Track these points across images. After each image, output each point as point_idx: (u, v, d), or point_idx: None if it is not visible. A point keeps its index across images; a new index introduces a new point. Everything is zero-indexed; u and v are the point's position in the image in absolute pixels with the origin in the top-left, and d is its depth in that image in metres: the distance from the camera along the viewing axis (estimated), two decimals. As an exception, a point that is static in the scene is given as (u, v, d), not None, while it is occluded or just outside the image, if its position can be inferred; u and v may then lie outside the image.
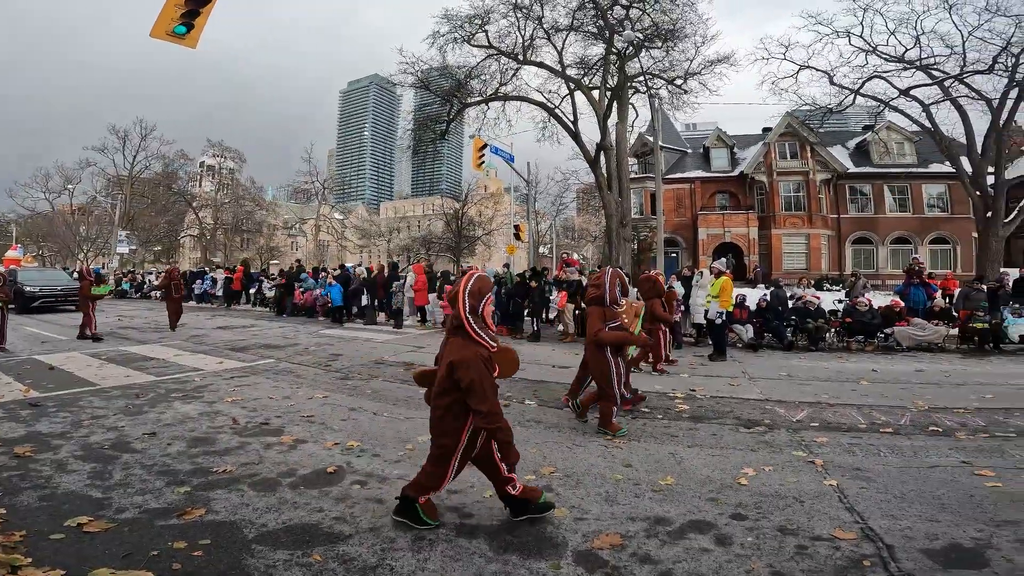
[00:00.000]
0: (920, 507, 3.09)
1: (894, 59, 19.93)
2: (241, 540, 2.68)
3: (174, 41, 7.24)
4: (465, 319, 2.77)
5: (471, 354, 2.70)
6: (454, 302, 2.84)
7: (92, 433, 4.43)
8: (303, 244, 61.69)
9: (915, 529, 2.81)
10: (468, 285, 2.85)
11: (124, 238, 34.71)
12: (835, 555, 2.56)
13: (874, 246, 30.34)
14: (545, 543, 2.70)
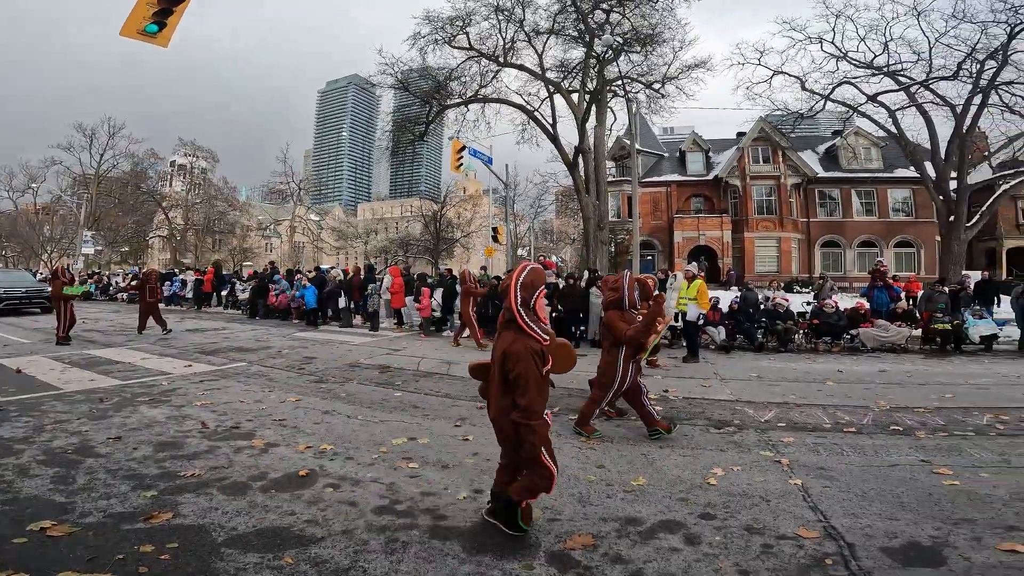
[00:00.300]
0: (880, 506, 3.17)
1: (863, 65, 20.50)
2: (210, 543, 2.65)
3: (145, 40, 7.07)
4: (516, 312, 2.70)
5: (522, 347, 2.65)
6: (505, 294, 2.78)
7: (55, 438, 4.31)
8: (278, 245, 60.67)
9: (875, 528, 2.88)
10: (520, 277, 2.77)
11: (89, 238, 33.70)
12: (799, 554, 2.62)
13: (842, 249, 31.20)
14: (518, 544, 2.71)
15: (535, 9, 21.01)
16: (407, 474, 3.65)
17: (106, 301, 24.32)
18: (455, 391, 6.47)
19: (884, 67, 20.14)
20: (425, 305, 12.58)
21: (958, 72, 19.10)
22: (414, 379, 7.22)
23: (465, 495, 3.32)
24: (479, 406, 5.67)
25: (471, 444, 4.35)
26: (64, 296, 10.08)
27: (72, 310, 10.27)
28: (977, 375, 7.83)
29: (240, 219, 54.68)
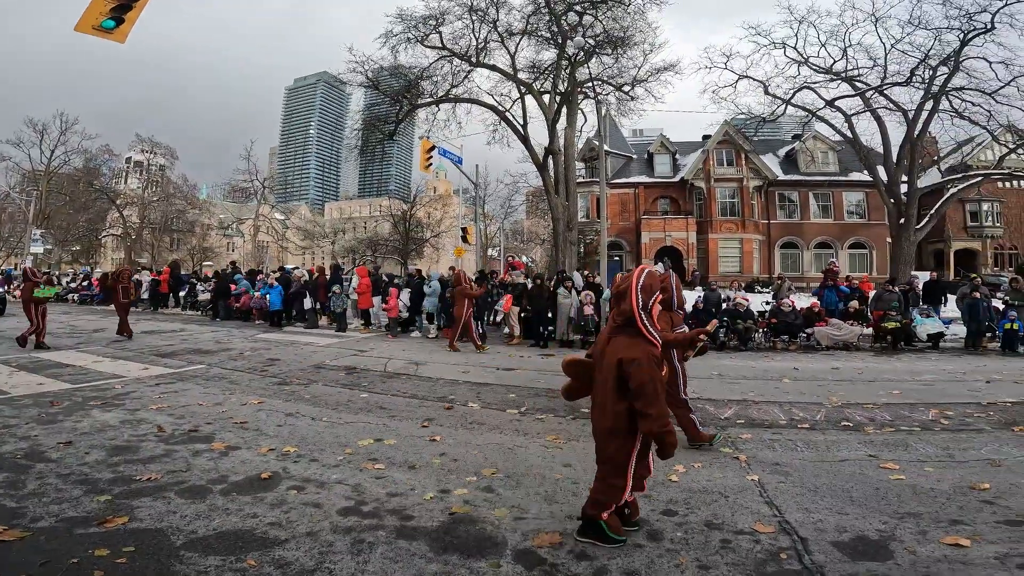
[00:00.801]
0: (831, 500, 3.27)
1: (823, 71, 21.24)
2: (168, 547, 2.59)
3: (101, 36, 6.81)
4: (638, 315, 2.62)
5: (643, 353, 2.57)
6: (622, 297, 2.69)
7: (3, 443, 4.13)
8: (240, 245, 59.02)
9: (826, 522, 2.96)
10: (640, 280, 2.69)
11: (39, 237, 32.17)
12: (755, 548, 2.68)
13: (800, 250, 32.30)
14: (485, 542, 2.73)
15: (509, 10, 21.06)
16: (373, 475, 3.62)
17: (55, 302, 23.17)
18: (422, 392, 6.45)
19: (842, 73, 20.91)
20: (392, 305, 12.46)
21: (911, 78, 19.97)
22: (381, 380, 7.15)
23: (432, 495, 3.31)
24: (446, 407, 5.67)
25: (438, 444, 4.35)
26: (35, 299, 9.48)
27: (44, 313, 9.64)
28: (923, 372, 8.21)
29: (200, 218, 53.03)
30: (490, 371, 8.01)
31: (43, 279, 10.01)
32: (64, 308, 20.01)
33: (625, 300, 2.70)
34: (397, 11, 20.79)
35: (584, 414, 5.43)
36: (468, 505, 3.18)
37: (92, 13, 6.65)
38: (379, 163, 27.04)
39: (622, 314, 2.71)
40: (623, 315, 2.70)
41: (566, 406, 5.77)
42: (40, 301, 9.55)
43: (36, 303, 9.47)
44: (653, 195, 33.75)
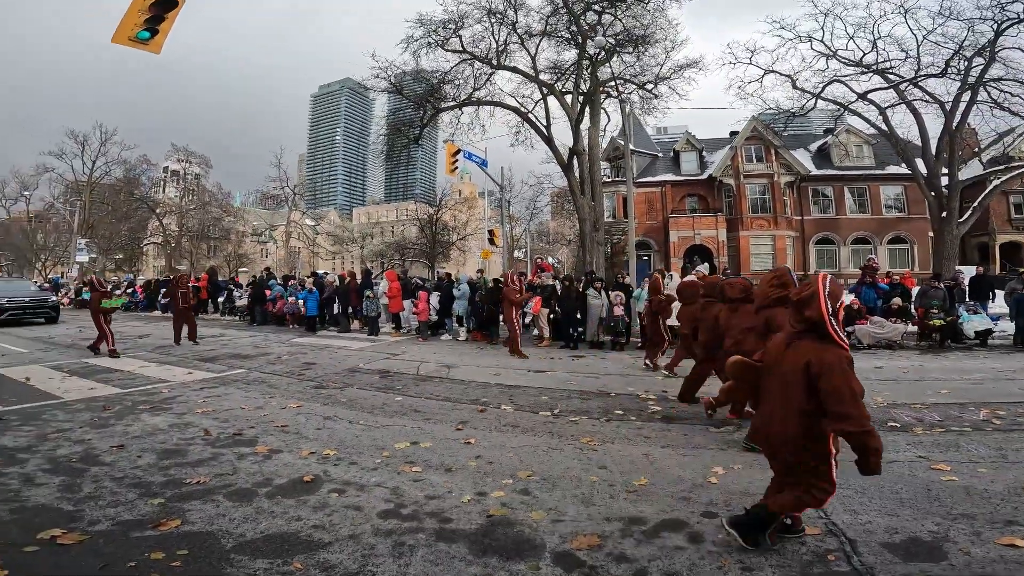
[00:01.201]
0: (880, 502, 3.19)
1: (852, 63, 20.64)
2: (219, 550, 2.66)
3: (137, 47, 7.07)
4: (827, 320, 2.62)
5: (835, 357, 2.54)
6: (806, 305, 2.66)
7: (59, 447, 4.32)
8: (273, 251, 60.53)
9: (875, 524, 2.91)
10: (826, 286, 2.66)
11: (83, 246, 33.52)
12: (801, 550, 2.65)
13: (836, 246, 31.36)
14: (524, 545, 2.74)
15: (527, 11, 21.06)
16: (411, 478, 3.67)
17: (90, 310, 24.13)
18: (455, 394, 6.49)
19: (873, 65, 20.30)
20: (422, 309, 12.59)
21: (946, 69, 19.24)
22: (414, 383, 7.23)
23: (469, 498, 3.34)
24: (480, 409, 5.71)
25: (473, 447, 4.38)
26: (103, 309, 9.53)
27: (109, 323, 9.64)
28: (972, 370, 7.90)
29: (235, 225, 54.55)
30: (521, 373, 8.01)
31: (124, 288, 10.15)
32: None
33: (811, 307, 2.66)
34: (417, 16, 21.02)
35: (618, 416, 5.41)
36: (505, 508, 3.19)
37: (127, 25, 6.91)
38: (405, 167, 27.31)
39: (805, 321, 2.67)
40: (806, 322, 2.66)
41: (599, 408, 5.76)
42: (108, 311, 9.60)
43: (104, 313, 9.50)
44: (680, 193, 33.26)
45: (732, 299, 4.99)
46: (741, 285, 5.05)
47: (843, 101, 21.49)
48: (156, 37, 7.13)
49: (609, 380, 7.42)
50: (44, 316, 16.64)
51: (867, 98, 20.87)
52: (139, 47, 7.06)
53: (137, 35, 6.98)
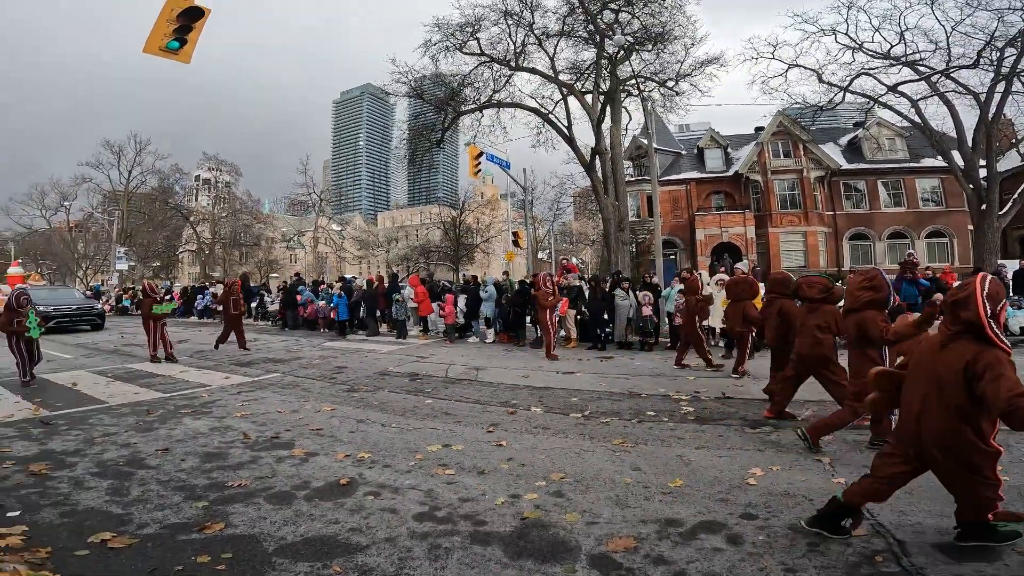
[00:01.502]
0: (929, 503, 3.11)
1: (880, 56, 20.10)
2: (262, 553, 2.72)
3: (167, 57, 7.29)
4: (986, 323, 2.56)
5: (994, 357, 2.48)
6: (963, 306, 2.62)
7: (105, 450, 4.47)
8: (302, 256, 61.75)
9: (925, 524, 2.84)
10: (985, 287, 2.57)
11: (122, 254, 34.64)
12: (847, 551, 2.60)
13: (871, 242, 30.44)
14: (558, 547, 2.73)
15: (544, 12, 21.06)
16: (444, 481, 3.70)
17: (139, 316, 25.00)
18: (485, 397, 6.52)
19: (902, 57, 19.74)
20: (449, 312, 12.68)
21: (978, 60, 18.62)
22: (443, 386, 7.29)
23: (503, 500, 3.34)
24: (509, 411, 5.72)
25: (505, 449, 4.39)
26: (154, 315, 9.67)
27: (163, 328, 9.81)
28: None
29: (265, 231, 55.79)
30: (550, 375, 8.00)
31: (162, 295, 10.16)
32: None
33: (968, 308, 2.59)
34: (434, 20, 21.18)
35: (649, 417, 5.35)
36: (539, 510, 3.19)
37: (157, 35, 7.14)
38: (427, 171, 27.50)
39: (962, 322, 2.60)
40: (963, 323, 2.60)
41: (630, 409, 5.71)
42: (159, 317, 9.72)
43: (155, 319, 9.65)
44: (706, 191, 32.74)
45: (811, 299, 4.83)
46: (822, 284, 4.87)
47: (872, 94, 21.00)
48: (185, 47, 7.35)
49: (639, 381, 7.35)
50: (90, 323, 17.15)
51: (898, 90, 20.33)
52: (169, 57, 7.28)
53: (167, 45, 7.21)
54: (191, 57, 7.46)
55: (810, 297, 4.86)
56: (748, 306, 7.15)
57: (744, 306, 7.08)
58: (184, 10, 7.13)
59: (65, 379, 8.06)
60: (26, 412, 5.90)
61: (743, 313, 7.00)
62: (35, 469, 3.94)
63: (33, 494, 3.51)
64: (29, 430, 5.14)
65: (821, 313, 4.73)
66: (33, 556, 2.65)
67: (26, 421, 5.51)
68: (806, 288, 4.92)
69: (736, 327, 7.26)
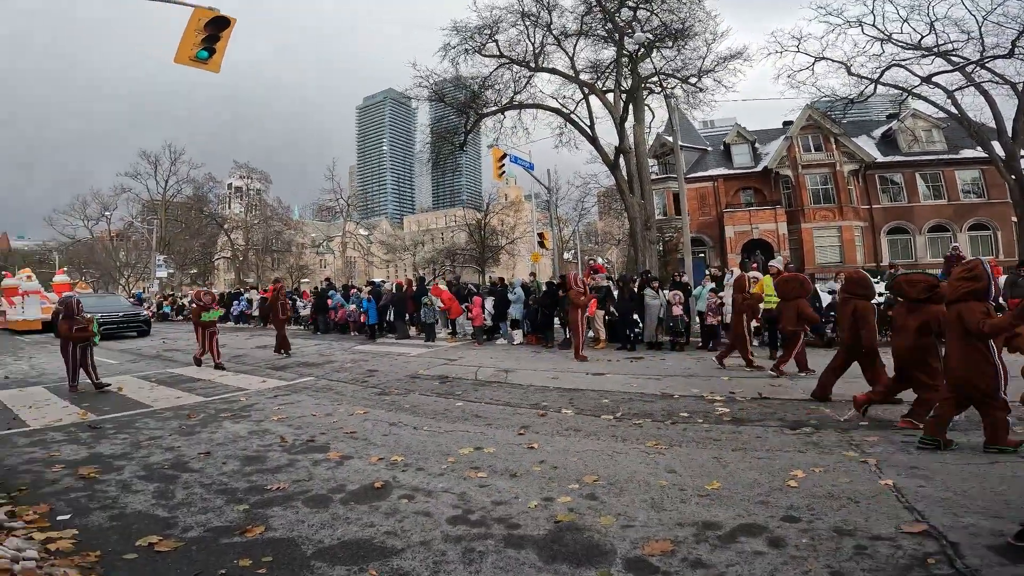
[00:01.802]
0: (983, 503, 3.01)
1: (911, 47, 19.57)
2: (300, 557, 2.75)
3: (197, 66, 7.53)
4: None
5: None
6: None
7: (151, 454, 4.62)
8: (331, 261, 62.87)
9: (979, 526, 2.74)
10: None
11: (162, 262, 35.80)
12: (897, 554, 2.52)
13: (911, 235, 29.40)
14: (593, 551, 2.71)
15: (561, 12, 20.96)
16: (477, 483, 3.70)
17: (181, 322, 25.83)
18: (515, 399, 6.52)
19: (934, 48, 19.14)
20: (477, 314, 12.73)
21: (1013, 50, 17.97)
22: (473, 388, 7.31)
23: (536, 503, 3.33)
24: (540, 414, 5.70)
25: (537, 452, 4.37)
26: (202, 322, 9.61)
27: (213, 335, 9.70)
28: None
29: (295, 237, 56.99)
30: (580, 376, 7.95)
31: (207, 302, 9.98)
32: (189, 327, 22.19)
33: None
34: (452, 24, 21.29)
35: (683, 419, 5.27)
36: (573, 513, 3.16)
37: (186, 45, 7.37)
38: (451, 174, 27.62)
39: None
40: None
41: (663, 410, 5.63)
42: (207, 324, 9.62)
43: (203, 326, 9.60)
44: (734, 187, 32.09)
45: (913, 298, 4.70)
46: (925, 283, 4.71)
47: (905, 86, 20.41)
48: (214, 56, 7.58)
49: (671, 382, 7.25)
50: (136, 330, 17.58)
51: (932, 81, 19.72)
52: (199, 66, 7.52)
53: (197, 55, 7.44)
54: (220, 66, 7.68)
55: (912, 296, 4.72)
56: (803, 304, 6.95)
57: (798, 304, 6.88)
58: (210, 20, 7.35)
59: (111, 384, 8.35)
60: (74, 417, 6.13)
61: (798, 311, 6.79)
62: (84, 472, 4.09)
63: (83, 497, 3.64)
64: (78, 434, 5.34)
65: (923, 312, 4.60)
66: (83, 560, 2.73)
67: (74, 425, 5.73)
68: (907, 287, 4.80)
69: (790, 326, 7.03)
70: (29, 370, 10.66)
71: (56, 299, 21.48)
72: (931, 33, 19.09)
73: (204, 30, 7.34)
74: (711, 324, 10.23)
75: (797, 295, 7.04)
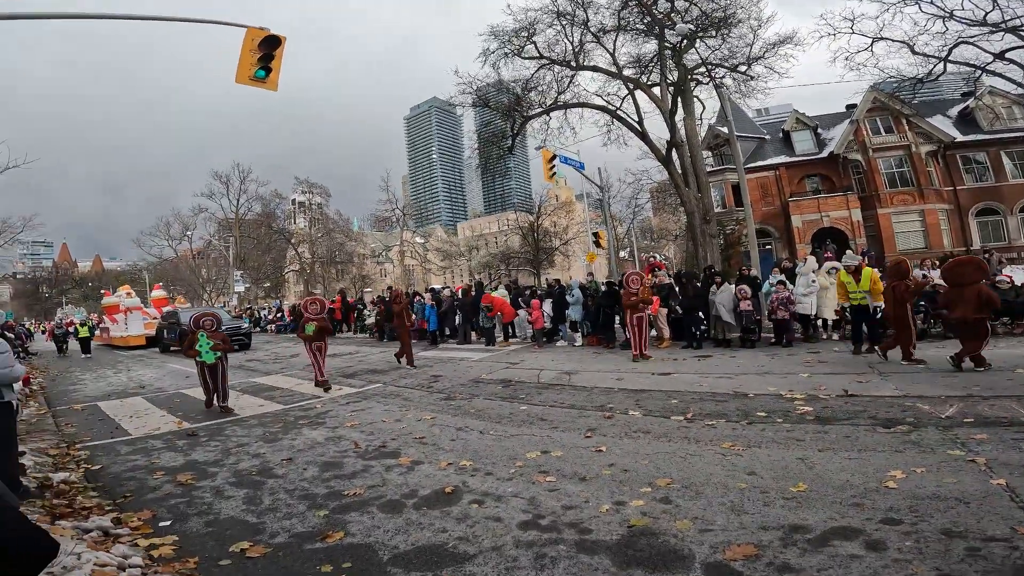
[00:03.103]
0: None
1: (976, 23, 18.06)
2: (378, 562, 2.82)
3: (257, 85, 7.99)
4: None
5: None
6: None
7: (240, 460, 4.88)
8: (391, 270, 64.74)
9: None
10: None
11: (239, 277, 38.01)
12: (1014, 555, 2.33)
13: (1001, 216, 26.91)
14: (670, 556, 2.63)
15: (597, 9, 20.61)
16: (546, 488, 3.67)
17: (258, 333, 27.29)
18: (579, 402, 6.44)
19: (1001, 24, 17.53)
20: (537, 316, 12.71)
21: None
22: (536, 392, 7.29)
23: (607, 507, 3.26)
24: (606, 416, 5.60)
25: (605, 455, 4.29)
26: (305, 336, 8.68)
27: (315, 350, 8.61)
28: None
29: (356, 248, 59.07)
30: (645, 377, 7.76)
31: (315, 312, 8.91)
32: (266, 338, 23.51)
33: None
34: (489, 29, 21.41)
35: (760, 418, 5.02)
36: (646, 517, 3.08)
37: (244, 66, 7.82)
38: (500, 178, 27.80)
39: None
40: None
41: (738, 410, 5.40)
42: (308, 339, 8.61)
43: (307, 340, 8.67)
44: (797, 175, 30.47)
45: None
46: None
47: (977, 63, 18.89)
48: (271, 75, 8.00)
49: (744, 380, 6.93)
50: (239, 343, 17.35)
51: (1006, 58, 18.10)
52: (259, 85, 7.98)
53: (255, 74, 7.87)
54: (277, 84, 8.10)
55: None
56: (984, 288, 6.43)
57: (978, 289, 6.36)
58: (263, 40, 7.77)
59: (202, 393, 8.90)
60: (171, 425, 6.60)
61: (979, 296, 6.30)
62: (181, 479, 4.38)
63: (181, 504, 3.88)
64: (175, 442, 5.74)
65: None
66: (183, 567, 2.90)
67: (171, 433, 6.17)
68: None
69: (970, 314, 6.44)
70: (127, 382, 11.58)
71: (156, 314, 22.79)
72: (995, 8, 17.65)
73: (258, 50, 7.77)
74: (781, 318, 9.73)
75: (974, 279, 6.49)
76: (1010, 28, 17.59)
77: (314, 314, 8.80)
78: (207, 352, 7.22)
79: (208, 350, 7.22)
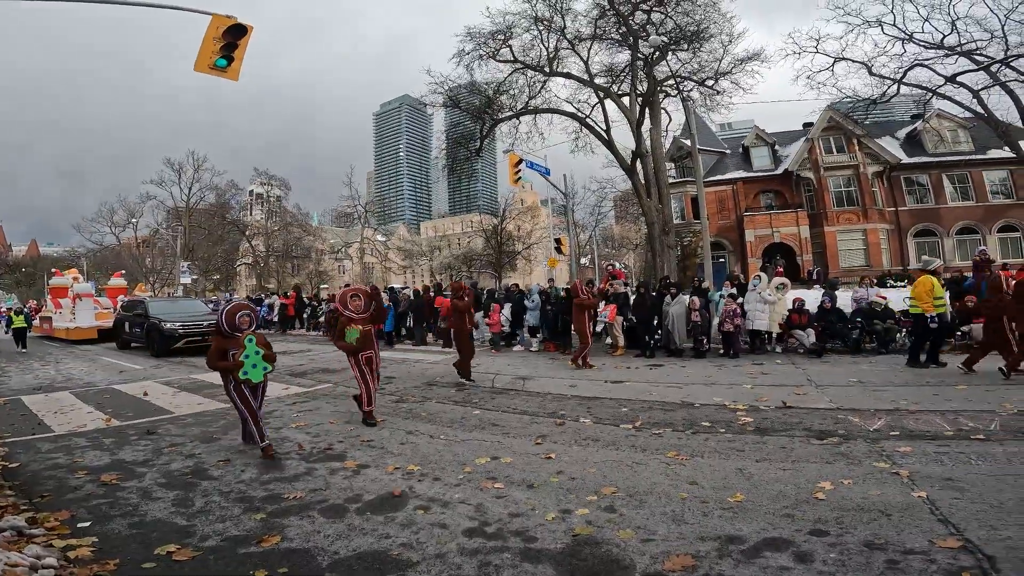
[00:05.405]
0: (1021, 516, 2.91)
1: (933, 46, 19.35)
2: (316, 568, 2.74)
3: (217, 74, 7.66)
4: None
5: None
6: None
7: (172, 461, 4.65)
8: (349, 267, 63.48)
9: (1017, 539, 2.65)
10: None
11: (186, 268, 36.47)
12: (931, 568, 2.44)
13: (939, 238, 28.69)
14: (612, 566, 2.65)
15: (574, 16, 21.03)
16: (493, 495, 3.65)
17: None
18: (532, 407, 6.45)
19: (957, 47, 18.82)
20: (495, 321, 12.70)
21: None
22: (490, 396, 7.27)
23: (553, 515, 3.27)
24: (558, 423, 5.63)
25: (554, 462, 4.31)
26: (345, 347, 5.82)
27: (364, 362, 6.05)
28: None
29: (314, 243, 57.65)
30: (598, 384, 7.85)
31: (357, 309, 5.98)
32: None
33: None
34: (465, 30, 21.44)
35: (705, 428, 5.15)
36: (591, 526, 3.10)
37: (205, 54, 7.50)
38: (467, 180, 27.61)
39: None
40: None
41: (684, 419, 5.52)
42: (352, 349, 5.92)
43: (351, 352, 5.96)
44: (754, 190, 31.66)
45: None
46: None
47: (929, 85, 20.16)
48: (232, 64, 7.70)
49: (692, 390, 7.12)
50: None
51: (956, 81, 19.40)
52: (219, 74, 7.64)
53: (215, 63, 7.56)
54: (239, 74, 7.79)
55: None
56: None
57: None
58: (228, 28, 7.47)
59: (135, 389, 8.49)
60: (98, 422, 6.23)
61: None
62: (106, 479, 4.14)
63: (104, 504, 3.67)
64: (101, 440, 5.41)
65: None
66: (102, 568, 2.75)
67: (98, 431, 5.82)
68: None
69: None
70: (55, 375, 10.87)
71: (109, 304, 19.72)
72: (953, 32, 18.98)
73: (222, 38, 7.47)
74: (728, 331, 10.06)
75: None
76: (965, 52, 18.79)
77: (358, 312, 5.90)
78: (255, 368, 4.76)
79: (258, 363, 4.78)
